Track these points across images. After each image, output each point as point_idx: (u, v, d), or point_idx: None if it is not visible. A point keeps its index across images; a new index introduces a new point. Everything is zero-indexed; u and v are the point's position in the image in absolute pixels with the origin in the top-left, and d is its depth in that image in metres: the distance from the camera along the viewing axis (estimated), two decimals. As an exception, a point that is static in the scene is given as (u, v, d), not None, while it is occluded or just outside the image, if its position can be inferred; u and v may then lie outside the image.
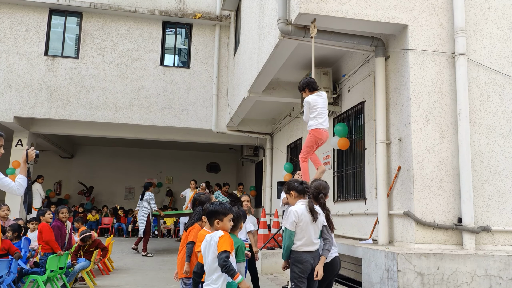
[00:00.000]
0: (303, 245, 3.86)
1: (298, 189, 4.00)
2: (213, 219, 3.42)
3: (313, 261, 3.86)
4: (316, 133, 5.06)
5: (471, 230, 5.19)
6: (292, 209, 3.92)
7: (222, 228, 3.39)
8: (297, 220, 3.83)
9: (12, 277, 5.37)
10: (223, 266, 3.15)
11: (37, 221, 8.11)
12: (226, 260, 3.14)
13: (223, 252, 3.18)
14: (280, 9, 5.80)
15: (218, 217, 3.40)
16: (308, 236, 3.85)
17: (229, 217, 3.44)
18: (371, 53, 6.33)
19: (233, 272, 3.15)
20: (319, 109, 5.08)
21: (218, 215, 3.41)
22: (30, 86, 11.34)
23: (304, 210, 3.86)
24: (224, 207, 3.45)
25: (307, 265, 3.83)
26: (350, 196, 7.16)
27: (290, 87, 8.98)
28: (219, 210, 3.42)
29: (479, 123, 5.59)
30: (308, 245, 3.86)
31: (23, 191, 4.05)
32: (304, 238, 3.85)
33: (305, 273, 3.84)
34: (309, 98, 5.14)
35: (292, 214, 3.86)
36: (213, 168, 18.91)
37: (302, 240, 3.86)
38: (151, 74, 11.94)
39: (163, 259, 9.98)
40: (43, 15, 11.69)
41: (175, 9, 12.07)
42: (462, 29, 5.57)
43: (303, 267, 3.83)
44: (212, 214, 3.44)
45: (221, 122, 11.98)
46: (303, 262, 3.84)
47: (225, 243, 3.23)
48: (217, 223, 3.39)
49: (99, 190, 17.87)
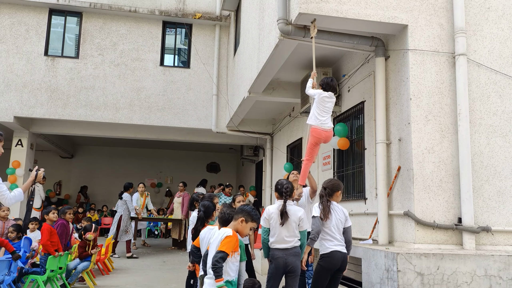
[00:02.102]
0: (275, 242, 4.10)
1: (278, 190, 4.26)
2: (240, 217, 3.47)
3: (285, 258, 4.04)
4: (315, 133, 5.03)
5: (471, 230, 5.19)
6: (267, 206, 4.27)
7: (241, 229, 3.46)
8: (268, 218, 4.14)
9: (12, 277, 5.37)
10: (214, 265, 3.23)
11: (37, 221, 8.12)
12: (220, 261, 3.21)
13: (221, 252, 3.25)
14: (280, 9, 5.80)
15: (247, 218, 3.48)
16: (278, 233, 4.09)
17: (253, 225, 3.53)
18: (371, 53, 6.33)
19: (218, 275, 3.20)
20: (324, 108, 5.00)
21: (247, 216, 3.48)
22: (30, 86, 11.34)
23: (276, 209, 4.12)
24: (257, 215, 3.57)
25: (278, 261, 4.05)
26: (350, 196, 7.16)
27: (290, 87, 8.98)
28: (252, 214, 3.52)
29: (479, 123, 5.59)
30: (280, 242, 4.09)
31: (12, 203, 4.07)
32: (275, 235, 4.10)
33: (278, 269, 4.06)
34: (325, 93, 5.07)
35: (265, 211, 4.18)
36: (213, 168, 18.91)
37: (273, 237, 4.11)
38: (151, 74, 11.94)
39: (163, 259, 9.99)
40: (43, 15, 11.69)
41: (175, 9, 12.07)
42: (462, 29, 5.57)
43: (275, 263, 4.07)
44: (243, 212, 3.50)
45: (221, 122, 11.98)
46: (274, 258, 4.10)
47: (228, 244, 3.28)
48: (241, 221, 3.46)
49: (99, 190, 17.86)
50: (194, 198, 5.95)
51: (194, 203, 5.87)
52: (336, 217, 4.26)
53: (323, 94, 5.03)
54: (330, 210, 4.25)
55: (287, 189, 4.18)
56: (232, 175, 19.00)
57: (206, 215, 4.62)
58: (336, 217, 4.26)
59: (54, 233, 6.31)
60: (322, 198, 4.33)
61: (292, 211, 4.14)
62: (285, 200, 4.15)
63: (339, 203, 4.41)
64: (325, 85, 5.09)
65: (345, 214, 4.32)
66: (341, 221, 4.27)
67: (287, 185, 4.21)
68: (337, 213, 4.28)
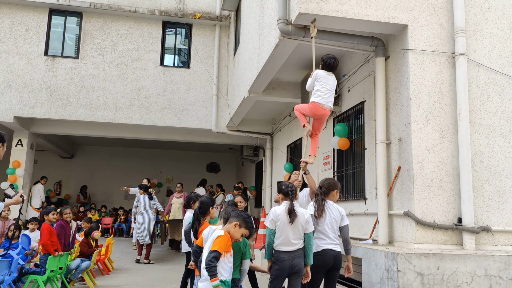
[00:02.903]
0: (281, 244, 4.01)
1: (283, 191, 4.16)
2: (235, 221, 3.46)
3: (291, 260, 3.99)
4: (313, 109, 4.94)
5: (471, 230, 5.19)
6: (272, 208, 4.14)
7: (233, 233, 3.44)
8: (275, 219, 4.02)
9: (12, 277, 5.37)
10: (207, 265, 3.22)
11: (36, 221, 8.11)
12: (213, 261, 3.22)
13: (214, 252, 3.25)
14: (280, 9, 5.80)
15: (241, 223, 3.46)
16: (285, 235, 4.00)
17: (245, 232, 3.50)
18: (371, 53, 6.33)
19: (213, 274, 3.20)
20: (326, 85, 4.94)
21: (242, 222, 3.47)
22: (30, 86, 11.34)
23: (283, 210, 4.04)
24: (252, 224, 3.55)
25: (284, 264, 3.98)
26: (350, 196, 7.16)
27: (290, 87, 8.98)
28: (247, 221, 3.49)
29: (479, 123, 5.59)
30: (286, 244, 4.00)
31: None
32: (281, 237, 4.00)
33: (284, 272, 4.00)
34: (320, 71, 5.02)
35: (271, 213, 4.08)
36: (213, 168, 18.91)
37: (279, 239, 4.01)
38: (151, 74, 11.94)
39: (163, 259, 9.99)
40: (43, 15, 11.68)
41: (175, 9, 12.07)
42: (462, 29, 5.57)
43: (280, 266, 4.00)
44: (239, 217, 3.49)
45: (221, 122, 11.98)
46: (280, 260, 3.99)
47: (220, 243, 3.29)
48: (235, 225, 3.44)
49: (99, 190, 17.86)
50: (191, 197, 5.92)
51: (191, 203, 5.85)
52: (330, 215, 4.25)
53: (318, 73, 4.96)
54: (324, 209, 4.24)
55: (292, 188, 4.15)
56: (232, 175, 18.99)
57: (201, 211, 4.60)
58: (330, 216, 4.25)
59: (53, 233, 6.31)
60: (317, 196, 4.34)
61: (299, 213, 4.10)
62: (292, 199, 4.10)
63: (337, 202, 4.41)
64: (326, 67, 5.01)
65: (341, 213, 4.30)
66: (336, 220, 4.25)
67: (292, 185, 4.19)
68: (332, 212, 4.26)
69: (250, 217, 3.61)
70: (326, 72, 5.01)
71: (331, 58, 5.00)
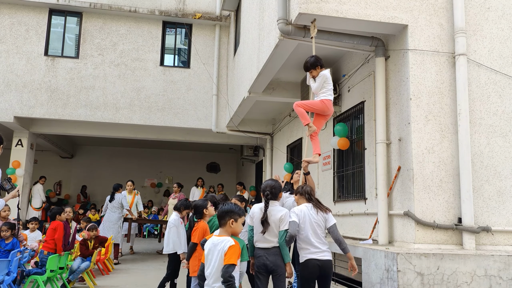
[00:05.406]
0: (256, 241, 4.18)
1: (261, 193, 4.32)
2: (228, 219, 3.26)
3: (266, 258, 4.07)
4: (328, 104, 4.96)
5: (471, 230, 5.19)
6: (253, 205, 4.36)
7: (234, 230, 3.28)
8: (252, 216, 4.22)
9: (12, 277, 5.37)
10: (227, 281, 3.01)
11: (37, 221, 8.11)
12: (232, 277, 3.02)
13: (230, 266, 3.04)
14: (280, 9, 5.80)
15: (233, 217, 3.26)
16: (258, 232, 4.14)
17: (242, 220, 3.33)
18: (371, 53, 6.33)
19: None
20: (330, 86, 5.03)
21: (233, 215, 3.27)
22: (30, 86, 11.34)
23: (259, 209, 4.19)
24: (238, 208, 3.33)
25: (259, 260, 4.11)
26: (350, 196, 7.15)
27: (290, 87, 8.97)
28: (235, 210, 3.29)
29: (479, 123, 5.59)
30: (260, 241, 4.13)
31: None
32: (256, 234, 4.17)
33: (260, 268, 4.10)
34: (327, 72, 5.05)
35: (251, 210, 4.31)
36: (213, 168, 18.91)
37: (256, 235, 4.19)
38: (151, 74, 11.94)
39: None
40: (43, 15, 11.69)
41: (175, 9, 12.07)
42: (462, 29, 5.57)
43: (256, 262, 4.13)
44: (227, 213, 3.27)
45: (221, 122, 11.98)
46: (256, 257, 4.15)
47: (234, 255, 3.07)
48: (232, 223, 3.25)
49: (99, 190, 17.86)
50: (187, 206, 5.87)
51: (181, 208, 5.83)
52: (311, 220, 4.05)
53: (327, 76, 5.02)
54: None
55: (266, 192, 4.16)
56: (232, 175, 19.00)
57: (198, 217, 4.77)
58: (311, 220, 4.05)
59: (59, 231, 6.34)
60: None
61: (273, 211, 4.10)
62: (266, 205, 4.10)
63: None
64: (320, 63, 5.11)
65: (324, 216, 4.09)
66: (318, 223, 4.05)
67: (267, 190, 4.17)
68: (312, 216, 4.07)
69: (231, 203, 3.42)
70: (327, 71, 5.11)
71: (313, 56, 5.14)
